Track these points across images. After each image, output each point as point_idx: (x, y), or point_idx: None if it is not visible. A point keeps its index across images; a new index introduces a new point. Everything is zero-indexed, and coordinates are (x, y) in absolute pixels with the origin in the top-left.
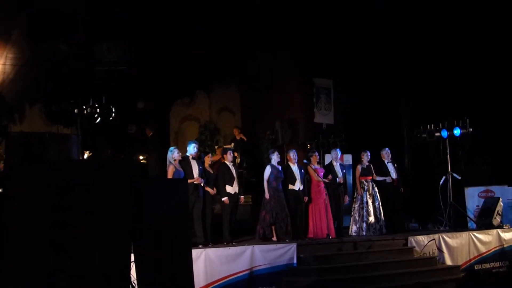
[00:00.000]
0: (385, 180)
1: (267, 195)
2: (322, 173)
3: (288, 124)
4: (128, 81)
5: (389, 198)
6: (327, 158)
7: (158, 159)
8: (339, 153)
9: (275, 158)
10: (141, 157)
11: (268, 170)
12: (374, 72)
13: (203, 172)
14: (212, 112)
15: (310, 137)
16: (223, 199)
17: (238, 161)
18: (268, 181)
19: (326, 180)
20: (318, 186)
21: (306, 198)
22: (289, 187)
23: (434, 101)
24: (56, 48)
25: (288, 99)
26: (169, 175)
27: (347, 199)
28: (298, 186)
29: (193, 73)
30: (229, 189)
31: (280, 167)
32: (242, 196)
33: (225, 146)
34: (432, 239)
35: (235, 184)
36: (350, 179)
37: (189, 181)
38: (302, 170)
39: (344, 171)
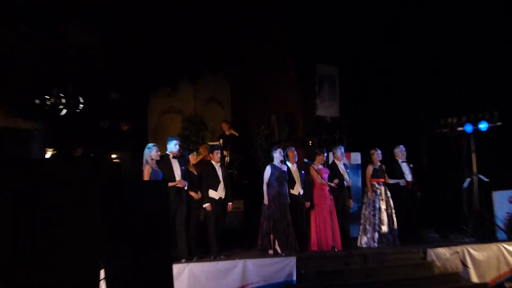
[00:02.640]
0: (399, 183)
1: (265, 200)
2: (326, 175)
3: (286, 117)
4: (99, 67)
5: (403, 204)
6: (330, 157)
7: (134, 158)
8: (343, 151)
9: (277, 156)
10: (114, 156)
11: (268, 171)
12: (386, 58)
13: (185, 173)
14: (197, 103)
15: (311, 132)
16: (205, 205)
17: (228, 161)
18: (268, 183)
19: (332, 184)
20: (322, 190)
21: (307, 204)
22: (288, 191)
23: (455, 91)
24: (15, 29)
25: (286, 88)
26: (145, 177)
27: (351, 203)
28: (298, 189)
29: (176, 58)
30: (212, 193)
31: (284, 167)
32: (230, 203)
33: (211, 143)
34: (455, 252)
35: (221, 188)
36: (356, 180)
37: (170, 184)
38: (303, 172)
39: (348, 171)
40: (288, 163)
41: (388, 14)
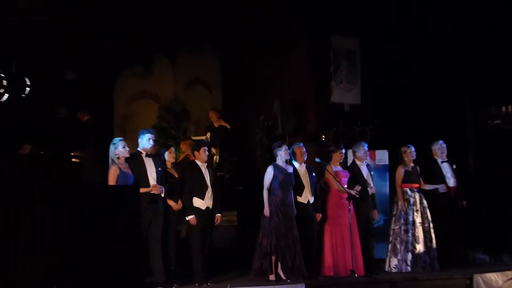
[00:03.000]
0: (438, 189)
1: (266, 211)
2: (345, 179)
3: (292, 105)
4: (51, 40)
5: (444, 216)
6: (349, 157)
7: (97, 156)
8: (366, 149)
9: (281, 154)
10: (72, 155)
11: (269, 174)
12: (421, 26)
13: (163, 177)
14: (178, 87)
15: (325, 124)
16: (188, 218)
17: (217, 161)
18: (269, 189)
19: (353, 192)
20: (339, 198)
21: (319, 216)
22: (295, 199)
23: (508, 75)
24: None
25: (293, 67)
26: (111, 180)
27: (376, 215)
28: (307, 197)
29: (150, 29)
30: (198, 203)
31: (290, 169)
32: (219, 215)
33: (195, 138)
34: (510, 279)
35: (208, 195)
36: (382, 186)
37: (142, 190)
38: (314, 174)
39: (372, 173)
40: (295, 163)
41: None
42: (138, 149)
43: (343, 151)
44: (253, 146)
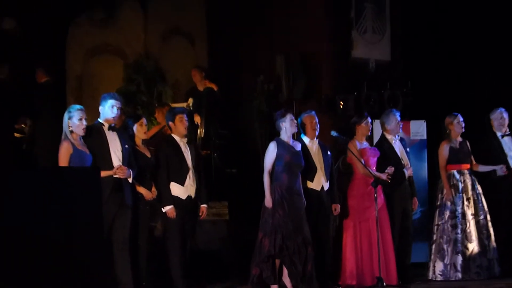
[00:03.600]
0: (496, 170)
1: (267, 201)
2: (374, 159)
3: (301, 61)
4: None
5: (505, 205)
6: (376, 129)
7: (52, 129)
8: (399, 119)
9: (288, 127)
10: (16, 127)
11: (271, 151)
12: None
13: (130, 156)
14: (150, 38)
15: (344, 86)
16: (165, 210)
17: (202, 135)
18: (271, 173)
19: (384, 176)
20: (365, 184)
21: (337, 208)
22: (305, 186)
23: None
24: None
25: (302, 13)
26: (61, 161)
27: (416, 204)
28: (321, 182)
29: None
30: (177, 190)
31: (299, 146)
32: (204, 205)
33: (174, 105)
34: None
35: (190, 180)
36: (419, 168)
37: (104, 173)
38: (329, 153)
39: (408, 150)
40: (304, 138)
41: None
42: (99, 120)
43: (369, 121)
44: (249, 116)
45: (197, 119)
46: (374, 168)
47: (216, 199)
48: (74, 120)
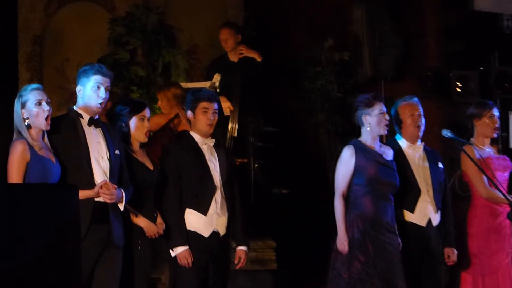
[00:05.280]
0: None
1: (341, 243)
2: (505, 174)
3: (391, 15)
4: None
5: None
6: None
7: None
8: None
9: (373, 123)
10: None
11: (347, 161)
12: None
13: (122, 167)
14: None
15: (460, 58)
16: (176, 252)
17: (234, 133)
18: (346, 196)
19: None
20: (490, 215)
21: (452, 254)
22: (400, 216)
23: None
24: None
25: None
26: (13, 172)
27: None
28: (427, 212)
29: None
30: (195, 221)
31: (389, 153)
32: (242, 248)
33: (189, 85)
34: None
35: (218, 205)
36: None
37: (80, 193)
38: (441, 165)
39: None
40: (401, 140)
41: None
42: (74, 107)
43: (496, 115)
44: (309, 103)
45: (227, 106)
46: (505, 187)
47: (256, 237)
48: (30, 106)
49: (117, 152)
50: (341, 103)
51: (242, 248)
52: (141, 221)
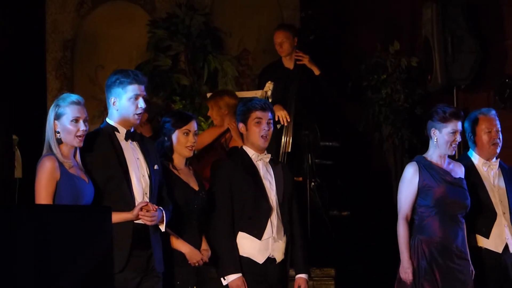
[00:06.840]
0: None
1: (405, 271)
2: None
3: (467, 14)
4: None
5: None
6: None
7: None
8: None
9: (442, 140)
10: None
11: (411, 180)
12: None
13: (162, 186)
14: None
15: None
16: (228, 281)
17: (289, 148)
18: (410, 219)
19: None
20: None
21: None
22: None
23: None
24: None
25: None
26: (41, 191)
27: None
28: (503, 238)
29: None
30: (249, 247)
31: (459, 170)
32: (302, 276)
33: (239, 94)
34: None
35: (274, 229)
36: None
37: (117, 216)
38: None
39: None
40: (473, 156)
41: None
42: (108, 121)
43: None
44: (373, 115)
45: (283, 115)
46: None
47: (313, 265)
48: (65, 122)
49: (156, 167)
50: (408, 115)
51: (302, 276)
52: (182, 246)
